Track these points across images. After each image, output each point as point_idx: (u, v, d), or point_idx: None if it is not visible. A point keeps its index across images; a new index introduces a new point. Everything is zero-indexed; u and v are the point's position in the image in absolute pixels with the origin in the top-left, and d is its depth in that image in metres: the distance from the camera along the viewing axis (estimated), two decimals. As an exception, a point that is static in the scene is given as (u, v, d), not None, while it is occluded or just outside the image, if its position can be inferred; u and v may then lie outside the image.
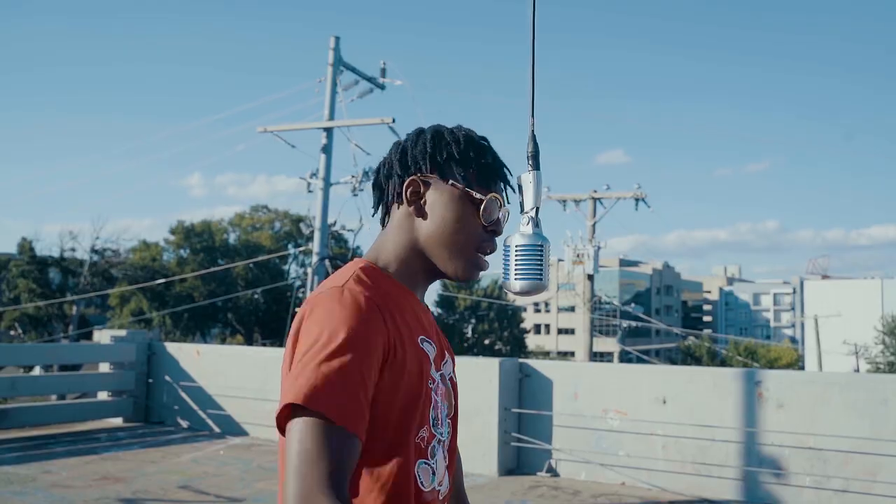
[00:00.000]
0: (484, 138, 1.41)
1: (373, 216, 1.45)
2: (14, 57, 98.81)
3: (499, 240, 1.40)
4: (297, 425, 1.12)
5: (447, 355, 1.43)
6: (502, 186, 1.40)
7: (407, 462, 1.24)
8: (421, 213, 1.36)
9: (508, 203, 1.41)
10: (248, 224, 48.79)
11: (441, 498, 1.34)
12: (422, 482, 1.27)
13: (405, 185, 1.36)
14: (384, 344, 1.22)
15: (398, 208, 1.38)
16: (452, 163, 1.35)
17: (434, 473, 1.31)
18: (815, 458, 5.73)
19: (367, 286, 1.27)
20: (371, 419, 1.20)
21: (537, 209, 1.36)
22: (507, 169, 1.41)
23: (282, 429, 1.16)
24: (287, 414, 1.14)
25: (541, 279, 1.33)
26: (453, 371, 1.45)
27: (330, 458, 1.10)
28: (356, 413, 1.15)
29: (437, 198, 1.35)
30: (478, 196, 1.34)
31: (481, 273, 1.38)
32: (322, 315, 1.20)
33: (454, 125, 1.42)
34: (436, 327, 1.45)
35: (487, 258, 1.39)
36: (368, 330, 1.20)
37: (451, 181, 1.35)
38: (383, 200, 1.42)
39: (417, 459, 1.27)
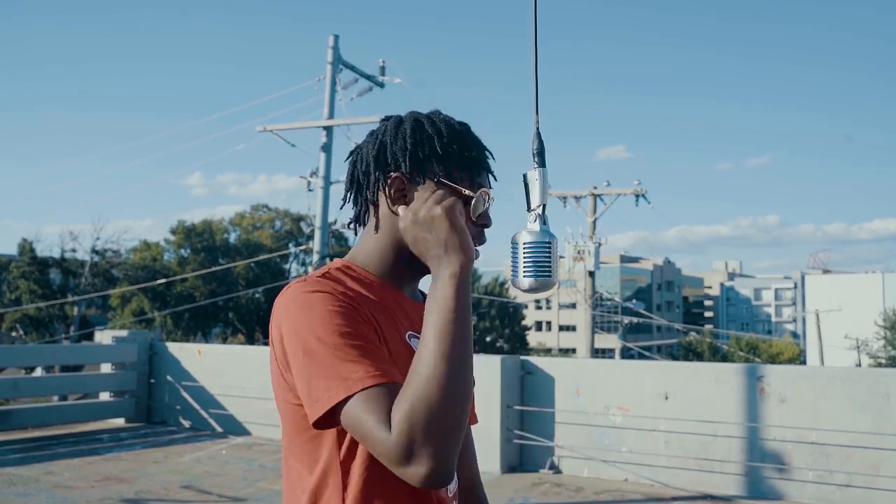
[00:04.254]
0: (464, 125, 1.35)
1: (341, 209, 1.38)
2: (13, 55, 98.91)
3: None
4: (349, 415, 1.11)
5: None
6: (486, 175, 1.35)
7: None
8: None
9: (491, 188, 1.35)
10: (248, 223, 48.82)
11: (450, 495, 1.33)
12: None
13: (389, 183, 1.29)
14: (368, 318, 1.21)
15: (380, 207, 1.32)
16: (434, 158, 1.29)
17: None
18: (818, 452, 5.73)
19: (332, 280, 1.25)
20: None
21: (544, 206, 1.35)
22: (489, 153, 1.36)
23: (327, 422, 1.15)
24: (332, 411, 1.13)
25: (550, 276, 1.32)
26: None
27: (364, 428, 1.10)
28: (377, 367, 1.13)
29: (422, 195, 1.28)
30: (466, 192, 1.29)
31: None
32: (295, 309, 1.18)
33: (432, 111, 1.36)
34: None
35: (478, 249, 1.34)
36: (346, 303, 1.19)
37: (436, 178, 1.28)
38: (361, 197, 1.35)
39: None
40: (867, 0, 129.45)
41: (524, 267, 1.33)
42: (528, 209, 1.36)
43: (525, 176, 1.37)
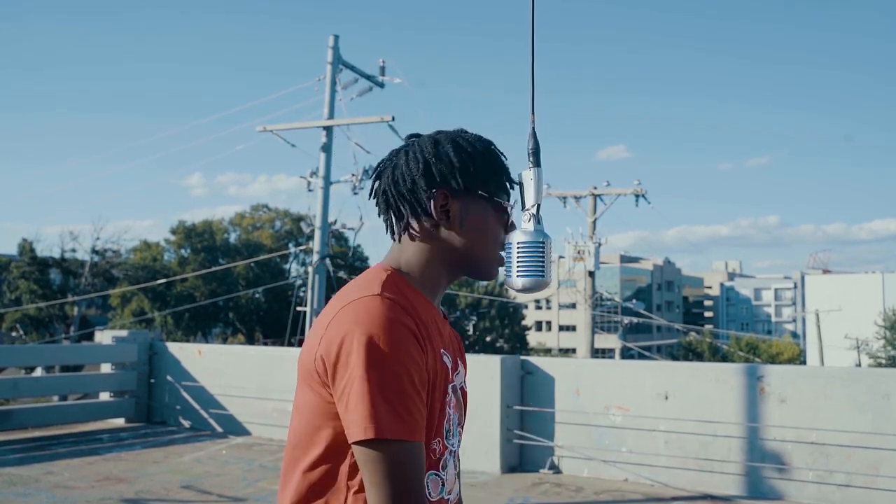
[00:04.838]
0: (493, 143, 1.44)
1: (390, 233, 1.43)
2: (14, 55, 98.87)
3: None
4: (371, 456, 1.20)
5: (460, 365, 1.46)
6: (508, 187, 1.44)
7: None
8: (451, 226, 1.37)
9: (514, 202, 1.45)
10: (248, 223, 48.82)
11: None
12: (430, 492, 1.32)
13: (435, 198, 1.36)
14: (424, 353, 1.28)
15: (423, 221, 1.38)
16: (480, 175, 1.38)
17: (443, 484, 1.36)
18: (818, 452, 5.73)
19: (400, 296, 1.30)
20: None
21: (538, 206, 1.36)
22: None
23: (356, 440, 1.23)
24: (360, 439, 1.21)
25: (543, 276, 1.33)
26: (464, 380, 1.49)
27: (407, 476, 1.20)
28: (415, 423, 1.22)
29: (468, 210, 1.37)
30: (507, 205, 1.40)
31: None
32: (368, 328, 1.23)
33: (458, 130, 1.43)
34: (451, 335, 1.47)
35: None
36: (413, 341, 1.25)
37: (481, 193, 1.38)
38: (405, 213, 1.39)
39: (427, 471, 1.31)
40: (867, 1, 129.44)
41: (518, 266, 1.33)
42: (523, 209, 1.36)
43: (520, 175, 1.38)
